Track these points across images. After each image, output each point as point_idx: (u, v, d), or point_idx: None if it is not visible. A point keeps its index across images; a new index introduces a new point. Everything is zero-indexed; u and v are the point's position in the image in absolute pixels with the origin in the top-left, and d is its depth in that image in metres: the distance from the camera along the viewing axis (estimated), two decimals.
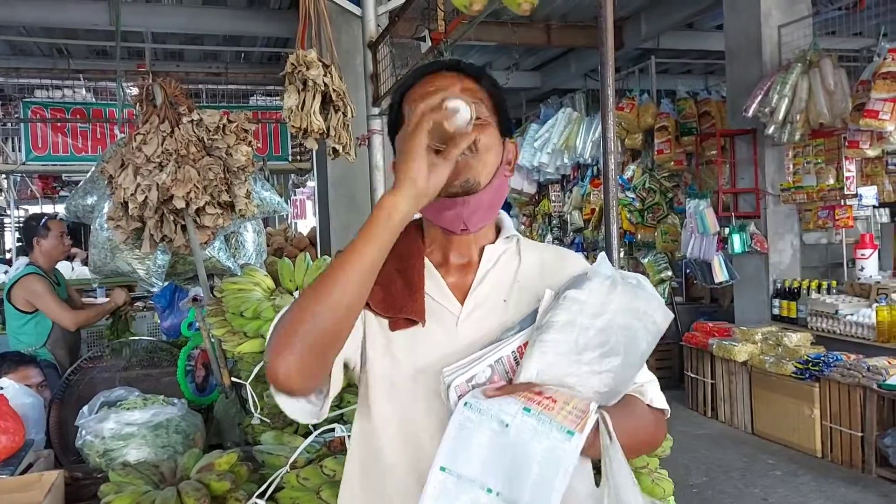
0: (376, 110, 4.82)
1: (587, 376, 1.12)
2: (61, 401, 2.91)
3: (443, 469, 1.06)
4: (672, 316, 1.20)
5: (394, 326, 1.22)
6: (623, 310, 1.13)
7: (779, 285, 6.29)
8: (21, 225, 4.52)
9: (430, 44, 4.04)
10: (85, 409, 2.41)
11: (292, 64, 2.96)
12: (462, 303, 1.25)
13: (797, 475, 5.05)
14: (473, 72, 1.29)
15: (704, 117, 7.86)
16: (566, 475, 1.01)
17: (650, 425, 1.26)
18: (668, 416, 1.34)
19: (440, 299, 1.25)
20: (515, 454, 1.04)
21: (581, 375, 1.12)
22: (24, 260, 5.18)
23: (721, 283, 6.70)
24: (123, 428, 2.25)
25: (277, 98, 7.70)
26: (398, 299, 1.22)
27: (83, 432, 2.30)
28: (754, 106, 5.98)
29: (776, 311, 6.26)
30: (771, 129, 5.93)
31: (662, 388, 2.24)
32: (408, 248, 1.28)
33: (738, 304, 6.81)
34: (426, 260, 1.28)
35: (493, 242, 1.30)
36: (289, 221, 11.30)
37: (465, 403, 1.08)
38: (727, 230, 6.48)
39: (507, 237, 1.32)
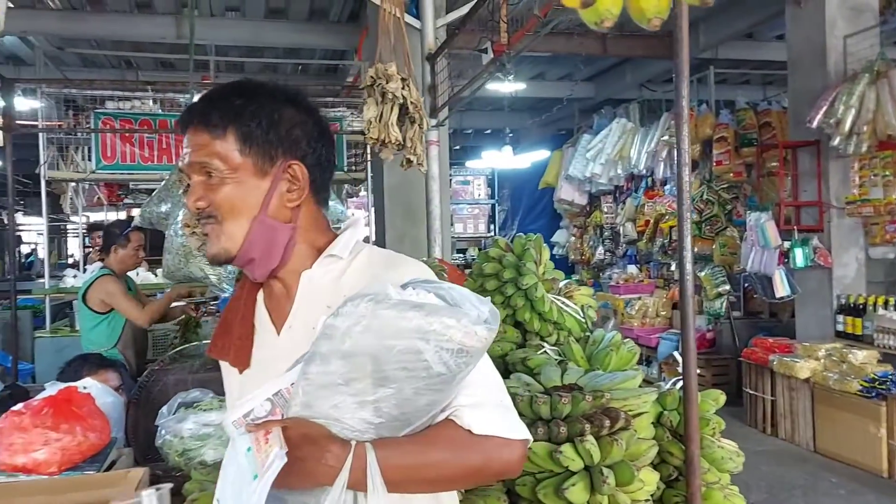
0: (433, 121, 4.89)
1: (357, 408, 1.05)
2: (137, 402, 3.02)
3: (217, 501, 1.14)
4: (491, 331, 1.04)
5: (239, 370, 1.28)
6: (393, 331, 1.01)
7: (842, 301, 6.13)
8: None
9: (492, 55, 4.08)
10: (164, 409, 2.49)
11: (371, 77, 3.03)
12: (279, 334, 1.25)
13: (861, 495, 4.91)
14: (203, 119, 1.20)
15: (765, 128, 7.73)
16: None
17: (461, 453, 1.10)
18: (516, 439, 1.14)
19: (264, 334, 1.27)
20: (240, 492, 1.08)
21: (349, 407, 1.05)
22: (98, 264, 5.38)
23: (782, 297, 6.55)
24: (201, 429, 2.33)
25: (333, 109, 7.82)
26: (226, 344, 1.28)
27: (163, 432, 2.39)
28: (819, 117, 5.85)
29: (840, 328, 6.09)
30: (836, 141, 5.80)
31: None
32: (247, 284, 1.31)
33: (799, 320, 6.64)
34: (260, 293, 1.30)
35: (311, 267, 1.24)
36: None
37: (231, 438, 1.12)
38: (789, 244, 6.34)
39: (330, 256, 1.23)
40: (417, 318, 1.01)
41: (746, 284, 7.68)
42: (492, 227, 10.96)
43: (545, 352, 2.45)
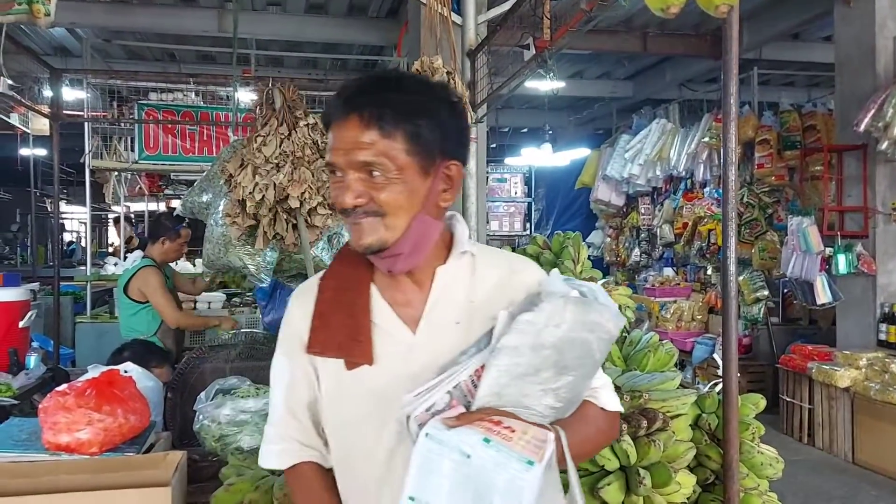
0: (473, 118, 4.87)
1: (542, 395, 1.14)
2: (174, 387, 3.07)
3: (411, 499, 1.08)
4: (624, 320, 1.24)
5: (349, 366, 1.22)
6: (575, 325, 1.13)
7: (886, 309, 5.98)
8: (155, 217, 4.77)
9: (534, 51, 4.05)
10: (202, 395, 2.53)
11: (416, 70, 3.03)
12: (414, 330, 1.23)
13: None
14: (372, 109, 1.15)
15: (809, 131, 7.56)
16: (529, 503, 1.02)
17: (605, 428, 1.29)
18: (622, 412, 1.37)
19: (389, 329, 1.23)
20: (478, 484, 1.05)
21: (536, 395, 1.13)
22: (139, 253, 5.49)
23: (823, 304, 6.40)
24: (238, 415, 2.36)
25: None
26: (344, 340, 1.21)
27: (200, 417, 2.42)
28: (866, 120, 5.71)
29: (882, 337, 5.94)
30: (884, 145, 5.65)
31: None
32: (352, 277, 1.26)
33: (840, 328, 6.49)
34: (373, 287, 1.25)
35: (445, 262, 1.25)
36: None
37: (427, 434, 1.08)
38: (831, 250, 6.20)
39: (462, 253, 1.26)
40: (589, 313, 1.14)
41: (786, 290, 7.54)
42: (528, 225, 10.90)
43: None
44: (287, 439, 1.31)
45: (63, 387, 2.09)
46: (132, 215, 11.86)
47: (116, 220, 8.45)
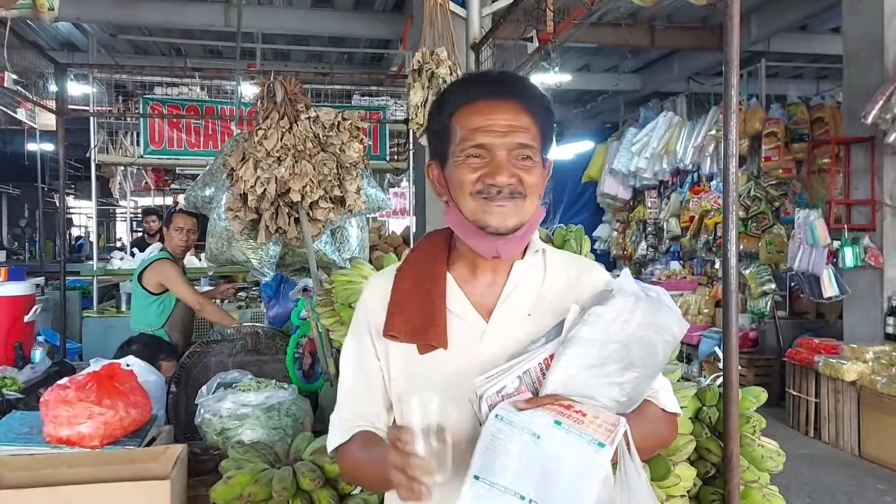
0: None
1: (608, 387, 1.18)
2: (178, 381, 3.08)
3: (476, 478, 1.10)
4: (687, 326, 1.25)
5: (422, 350, 1.26)
6: (643, 324, 1.18)
7: (894, 303, 5.94)
8: (163, 216, 4.77)
9: (537, 44, 4.04)
10: (203, 388, 2.54)
11: (418, 61, 3.02)
12: (487, 318, 1.28)
13: None
14: (526, 97, 1.26)
15: (817, 123, 7.51)
16: (597, 484, 1.06)
17: (663, 429, 1.33)
18: (680, 416, 1.41)
19: (464, 316, 1.28)
20: (548, 464, 1.08)
21: (602, 387, 1.17)
22: (157, 245, 5.51)
23: (830, 298, 6.37)
24: (239, 408, 2.36)
25: (377, 98, 7.85)
26: (419, 325, 1.26)
27: (202, 410, 2.43)
28: (874, 112, 5.66)
29: (889, 330, 5.90)
30: (892, 138, 5.60)
31: (761, 405, 2.21)
32: (429, 268, 1.32)
33: (847, 321, 6.46)
34: (449, 276, 1.31)
35: (522, 258, 1.32)
36: (381, 219, 11.51)
37: (497, 416, 1.12)
38: (838, 243, 6.16)
39: (535, 251, 1.34)
40: (657, 314, 1.20)
41: (793, 283, 7.50)
42: None
43: None
44: (351, 419, 1.34)
45: (64, 380, 2.10)
46: (159, 209, 11.92)
47: (146, 214, 8.46)
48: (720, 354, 2.09)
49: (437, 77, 3.06)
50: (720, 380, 2.17)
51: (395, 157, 7.88)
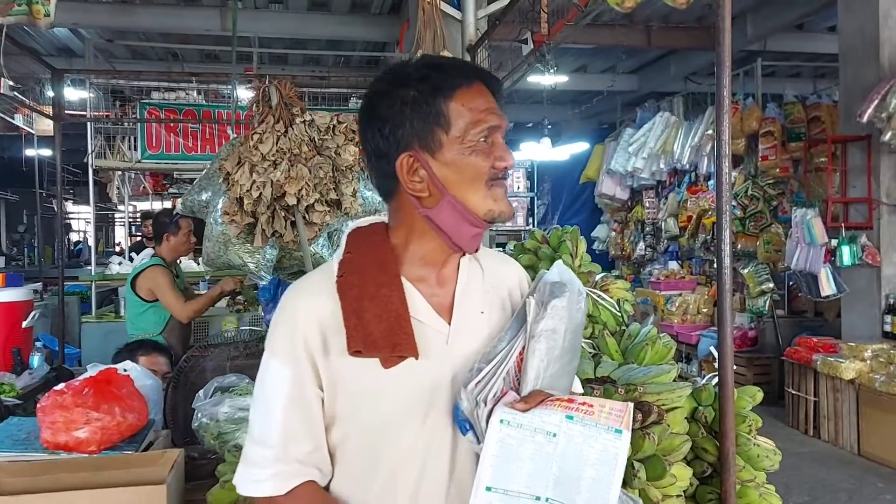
0: None
1: (567, 377, 1.22)
2: (175, 385, 3.08)
3: (489, 489, 1.08)
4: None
5: (387, 364, 1.14)
6: (583, 314, 1.25)
7: (891, 301, 5.95)
8: (153, 217, 4.74)
9: (532, 46, 4.05)
10: (200, 393, 2.53)
11: None
12: (448, 321, 1.22)
13: None
14: (499, 89, 1.25)
15: (814, 122, 7.52)
16: (620, 471, 1.07)
17: None
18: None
19: (427, 321, 1.20)
20: (565, 460, 1.07)
21: (564, 377, 1.20)
22: (148, 252, 5.49)
23: (828, 296, 6.38)
24: (237, 412, 2.36)
25: None
26: (383, 336, 1.14)
27: (199, 415, 2.43)
28: (870, 111, 5.67)
29: (887, 328, 5.91)
30: (888, 136, 5.62)
31: (760, 404, 2.21)
32: (379, 273, 1.20)
33: (845, 320, 6.47)
34: (403, 280, 1.20)
35: (463, 254, 1.27)
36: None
37: (502, 421, 1.09)
38: (836, 241, 6.17)
39: None
40: (584, 303, 1.24)
41: (791, 282, 7.51)
42: (531, 220, 10.88)
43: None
44: (286, 461, 1.17)
45: (61, 386, 2.10)
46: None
47: (145, 218, 8.45)
48: (715, 354, 2.10)
49: None
50: (716, 379, 2.17)
51: None
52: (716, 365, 2.12)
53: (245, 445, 1.23)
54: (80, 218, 20.42)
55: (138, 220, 12.04)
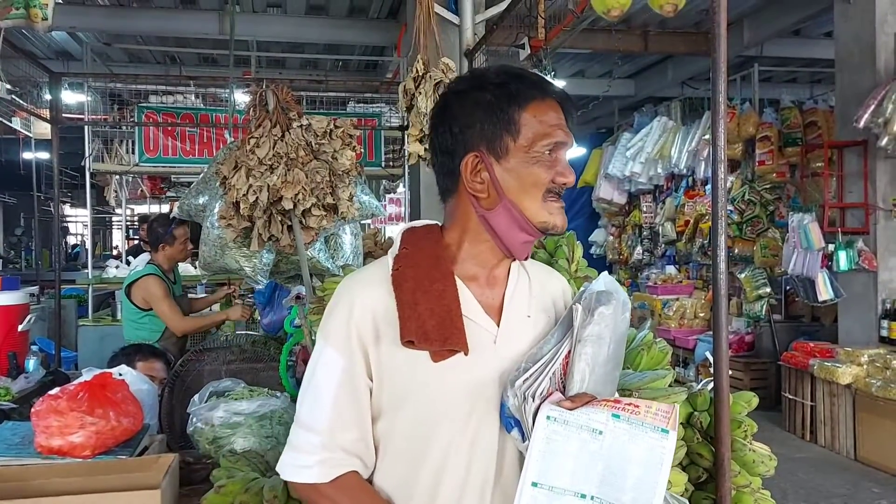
0: None
1: (611, 384, 1.23)
2: (171, 390, 3.08)
3: (535, 485, 1.09)
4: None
5: (437, 357, 1.17)
6: (627, 324, 1.25)
7: (888, 306, 5.96)
8: (148, 225, 4.72)
9: (528, 51, 4.06)
10: (196, 397, 2.53)
11: (418, 69, 3.02)
12: (497, 321, 1.25)
13: None
14: (571, 110, 1.30)
15: (810, 128, 7.54)
16: (666, 471, 1.07)
17: None
18: None
19: (477, 319, 1.23)
20: (611, 458, 1.08)
21: (608, 383, 1.21)
22: (145, 257, 5.47)
23: (825, 301, 6.39)
24: (231, 417, 2.36)
25: (373, 105, 7.87)
26: (435, 329, 1.16)
27: (194, 419, 2.42)
28: (866, 116, 5.69)
29: (884, 333, 5.92)
30: (884, 141, 5.63)
31: (758, 409, 2.20)
32: (433, 268, 1.23)
33: (842, 324, 6.48)
34: (456, 279, 1.24)
35: (514, 260, 1.32)
36: (377, 226, 11.52)
37: (549, 417, 1.11)
38: (832, 246, 6.18)
39: None
40: (628, 314, 1.26)
41: (788, 287, 7.52)
42: None
43: None
44: (331, 448, 1.19)
45: (55, 390, 2.09)
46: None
47: (143, 222, 8.46)
48: (711, 359, 2.09)
49: (444, 85, 3.07)
50: (711, 384, 2.17)
51: (391, 163, 7.89)
52: (711, 370, 2.12)
53: (291, 431, 1.24)
54: (78, 221, 20.40)
55: (136, 223, 12.04)
